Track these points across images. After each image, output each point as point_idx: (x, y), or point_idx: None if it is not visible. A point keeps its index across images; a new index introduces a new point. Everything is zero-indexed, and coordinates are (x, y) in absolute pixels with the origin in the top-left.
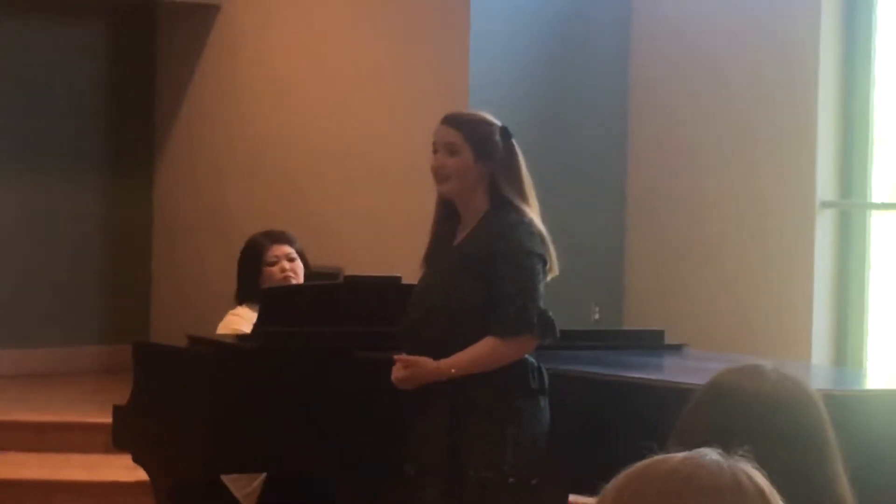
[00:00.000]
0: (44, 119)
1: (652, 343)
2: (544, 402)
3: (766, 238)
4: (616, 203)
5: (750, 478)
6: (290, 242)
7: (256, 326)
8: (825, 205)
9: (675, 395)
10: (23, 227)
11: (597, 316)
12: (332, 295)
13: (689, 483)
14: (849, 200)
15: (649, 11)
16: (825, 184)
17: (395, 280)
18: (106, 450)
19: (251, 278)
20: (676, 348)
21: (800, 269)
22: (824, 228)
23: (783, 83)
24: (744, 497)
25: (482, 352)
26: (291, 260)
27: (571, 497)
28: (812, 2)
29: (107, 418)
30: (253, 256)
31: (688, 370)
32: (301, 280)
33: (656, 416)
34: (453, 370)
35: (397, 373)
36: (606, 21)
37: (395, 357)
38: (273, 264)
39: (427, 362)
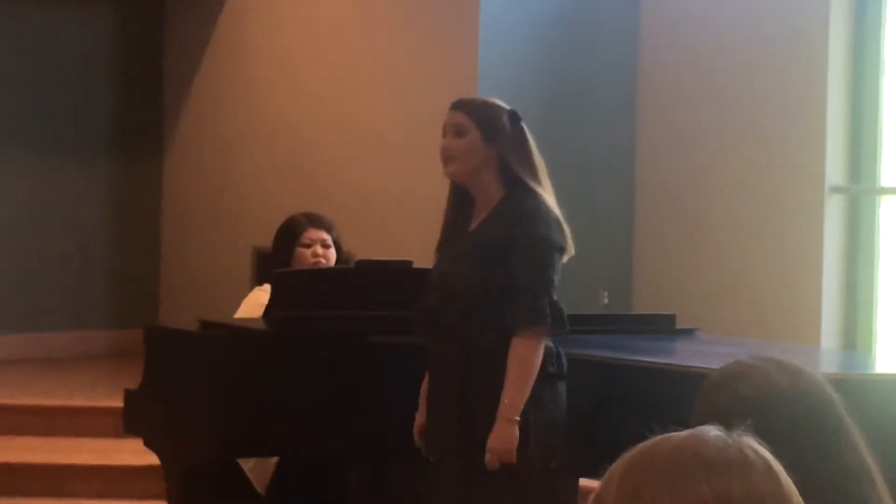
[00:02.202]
0: (53, 104)
1: (663, 327)
2: (562, 387)
3: (775, 223)
4: (625, 188)
5: (755, 451)
6: (328, 229)
7: (267, 309)
8: (834, 190)
9: (687, 379)
10: (32, 212)
11: (606, 300)
12: (343, 279)
13: (696, 458)
14: (858, 185)
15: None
16: (834, 169)
17: (407, 264)
18: (117, 434)
19: (283, 255)
20: (688, 332)
21: (809, 253)
22: (833, 213)
23: (792, 68)
24: (750, 469)
25: (518, 372)
26: (326, 246)
27: (582, 481)
28: None
29: (118, 403)
30: (289, 235)
31: (699, 354)
32: None
33: (667, 401)
34: (516, 416)
35: (495, 464)
36: (615, 9)
37: (488, 463)
38: (307, 246)
39: (500, 437)
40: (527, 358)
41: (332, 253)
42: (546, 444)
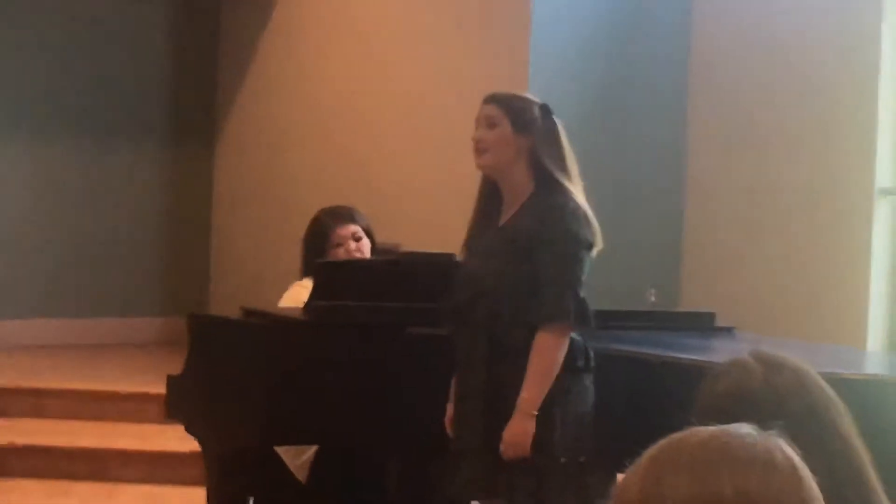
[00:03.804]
0: (107, 92)
1: (702, 325)
2: (589, 381)
3: (823, 225)
4: (675, 187)
5: (783, 452)
6: (355, 221)
7: (310, 300)
8: (883, 192)
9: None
10: (84, 198)
11: (653, 299)
12: (385, 270)
13: (721, 452)
14: None
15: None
16: (884, 171)
17: (450, 257)
18: (160, 420)
19: (317, 256)
20: (727, 331)
21: (857, 256)
22: (882, 216)
23: (843, 70)
24: (774, 470)
25: (538, 366)
26: (358, 239)
27: (620, 476)
28: None
29: (162, 389)
30: (318, 239)
31: (735, 353)
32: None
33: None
34: (534, 410)
35: (510, 456)
36: (667, 8)
37: (503, 454)
38: (339, 245)
39: (515, 430)
40: (549, 353)
41: (366, 243)
42: (573, 439)
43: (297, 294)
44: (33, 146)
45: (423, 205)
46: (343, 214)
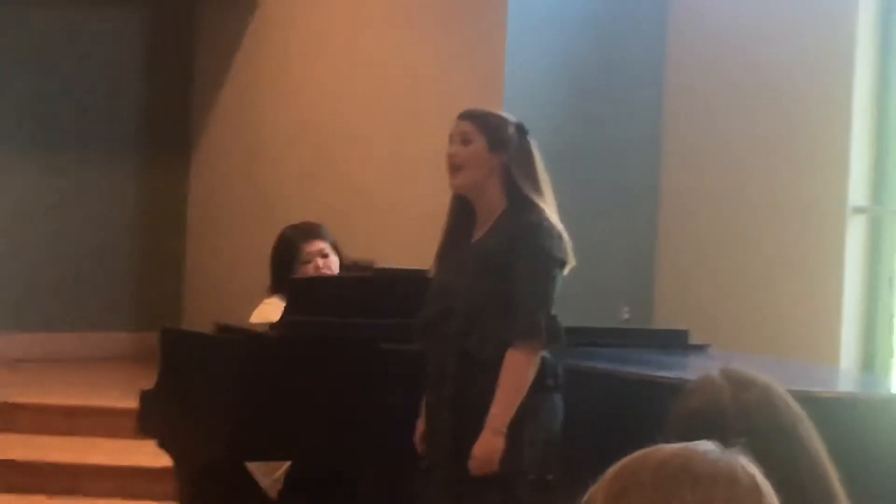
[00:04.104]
0: (82, 104)
1: (676, 342)
2: (559, 399)
3: (797, 242)
4: (648, 203)
5: (745, 470)
6: (322, 237)
7: (283, 315)
8: (857, 210)
9: None
10: (58, 212)
11: (627, 315)
12: (359, 286)
13: (684, 470)
14: (880, 206)
15: (686, 11)
16: (857, 189)
17: (424, 273)
18: (133, 435)
19: (284, 274)
20: (700, 348)
21: (830, 273)
22: (855, 233)
23: (817, 87)
24: (738, 488)
25: (509, 384)
26: (325, 256)
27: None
28: (848, 4)
29: (134, 404)
30: (286, 255)
31: (707, 370)
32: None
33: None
34: (503, 427)
35: (477, 472)
36: (642, 20)
37: (472, 470)
38: (307, 262)
39: (484, 446)
40: (519, 370)
41: (333, 259)
42: (542, 456)
43: (266, 312)
44: (6, 159)
45: (401, 218)
46: (310, 231)
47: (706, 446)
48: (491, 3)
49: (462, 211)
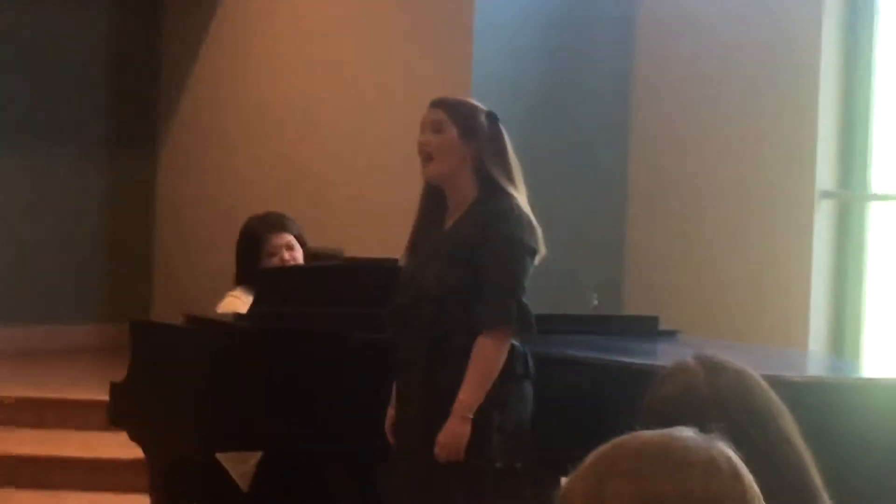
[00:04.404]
0: (48, 96)
1: (646, 329)
2: (529, 387)
3: (765, 227)
4: (617, 191)
5: (723, 454)
6: (288, 229)
7: (252, 306)
8: (825, 195)
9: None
10: (26, 204)
11: (596, 303)
12: (328, 276)
13: (663, 455)
14: (848, 191)
15: (652, 2)
16: (825, 174)
17: (393, 262)
18: (104, 427)
19: (250, 265)
20: (670, 334)
21: (799, 258)
22: (823, 219)
23: (784, 73)
24: (717, 471)
25: (477, 370)
26: (290, 248)
27: (564, 480)
28: None
29: (105, 396)
30: (252, 247)
31: (679, 356)
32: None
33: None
34: (469, 413)
35: (443, 459)
36: (609, 12)
37: (437, 456)
38: (273, 255)
39: (450, 433)
40: (489, 357)
41: (299, 252)
42: (511, 445)
43: (231, 305)
44: None
45: (368, 210)
46: (275, 223)
47: (685, 432)
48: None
49: (433, 199)
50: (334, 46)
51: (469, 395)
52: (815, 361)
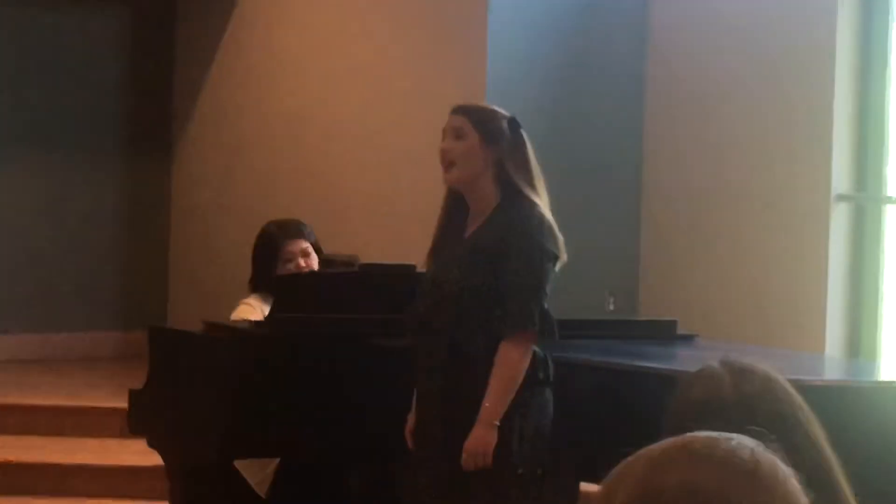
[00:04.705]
0: (63, 106)
1: (664, 333)
2: (549, 393)
3: (781, 230)
4: (631, 194)
5: (750, 450)
6: (304, 236)
7: (271, 312)
8: (840, 198)
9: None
10: (41, 212)
11: (611, 306)
12: (346, 283)
13: (682, 448)
14: (864, 194)
15: (666, 5)
16: (840, 177)
17: (410, 269)
18: (122, 434)
19: (266, 271)
20: (688, 338)
21: (814, 261)
22: (839, 221)
23: (799, 76)
24: (734, 467)
25: (502, 377)
26: (306, 255)
27: (582, 485)
28: None
29: (123, 403)
30: (268, 252)
31: (698, 360)
32: None
33: (665, 405)
34: (496, 420)
35: (471, 466)
36: (624, 15)
37: (464, 464)
38: (289, 261)
39: (477, 440)
40: (513, 363)
41: (314, 259)
42: (532, 450)
43: (245, 312)
44: None
45: (381, 215)
46: (292, 230)
47: (712, 433)
48: (472, 3)
49: (455, 206)
50: (349, 52)
51: (495, 401)
52: (832, 365)
